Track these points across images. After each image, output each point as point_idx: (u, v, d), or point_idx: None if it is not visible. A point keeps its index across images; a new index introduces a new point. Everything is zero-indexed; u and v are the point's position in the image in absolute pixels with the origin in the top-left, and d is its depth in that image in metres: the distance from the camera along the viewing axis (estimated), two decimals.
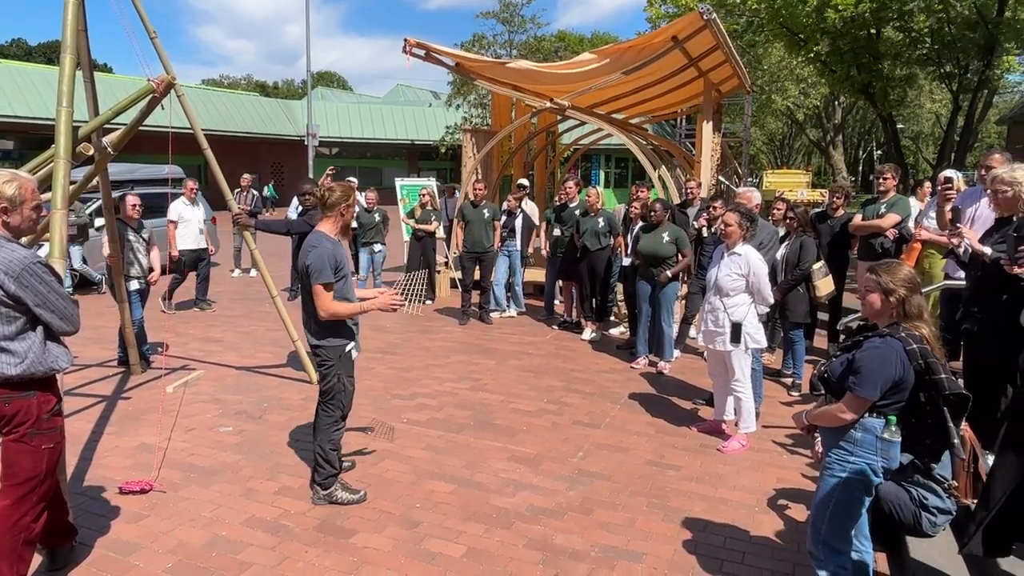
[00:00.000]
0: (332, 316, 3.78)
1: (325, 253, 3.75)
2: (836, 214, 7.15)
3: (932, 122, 39.51)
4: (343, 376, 3.95)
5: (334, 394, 3.95)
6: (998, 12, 12.83)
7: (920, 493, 3.34)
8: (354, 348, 4.00)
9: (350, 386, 4.01)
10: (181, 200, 9.14)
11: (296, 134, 31.82)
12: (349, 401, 4.04)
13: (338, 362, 3.92)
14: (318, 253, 3.75)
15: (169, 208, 9.02)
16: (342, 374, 3.95)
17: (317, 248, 3.78)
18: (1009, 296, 3.49)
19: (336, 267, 3.78)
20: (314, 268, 3.73)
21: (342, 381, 3.95)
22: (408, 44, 9.88)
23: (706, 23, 8.22)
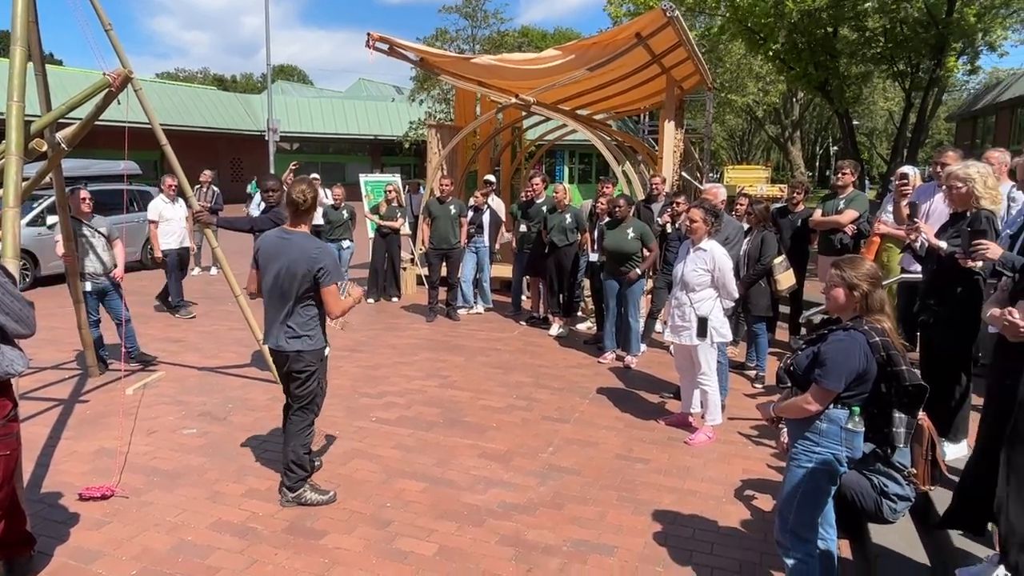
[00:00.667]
0: (343, 311, 3.82)
1: (331, 252, 3.84)
2: (797, 209, 7.29)
3: (885, 119, 40.60)
4: (322, 380, 3.96)
5: (312, 398, 3.93)
6: (947, 13, 13.25)
7: (881, 481, 3.45)
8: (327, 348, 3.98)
9: (325, 386, 4.03)
10: (160, 198, 8.74)
11: (256, 129, 31.22)
12: (322, 403, 4.03)
13: (319, 365, 3.91)
14: (327, 253, 3.78)
15: (149, 207, 8.70)
16: (322, 378, 3.95)
17: (320, 249, 3.76)
18: (963, 289, 3.61)
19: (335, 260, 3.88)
20: (329, 270, 3.74)
21: (321, 385, 3.95)
22: (371, 38, 9.76)
23: (668, 20, 8.29)
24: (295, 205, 3.78)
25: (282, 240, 3.79)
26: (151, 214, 8.61)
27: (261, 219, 5.84)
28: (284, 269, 3.73)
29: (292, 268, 3.72)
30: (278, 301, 3.81)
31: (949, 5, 13.22)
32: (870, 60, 14.76)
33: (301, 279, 3.72)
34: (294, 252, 3.72)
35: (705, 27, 15.77)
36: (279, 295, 3.79)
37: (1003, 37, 15.96)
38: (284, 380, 3.99)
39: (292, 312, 3.78)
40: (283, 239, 3.79)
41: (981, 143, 30.19)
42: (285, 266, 3.73)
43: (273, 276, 3.79)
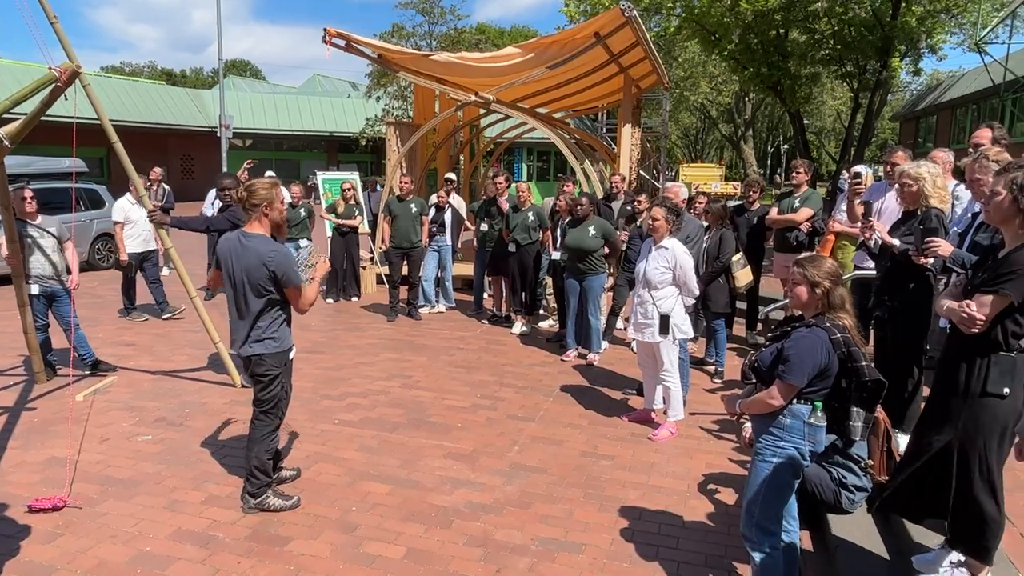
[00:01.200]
0: (311, 305, 3.81)
1: (287, 252, 3.74)
2: (753, 207, 7.46)
3: (833, 118, 41.77)
4: (286, 384, 3.88)
5: (276, 402, 3.84)
6: (892, 16, 13.70)
7: (840, 472, 3.56)
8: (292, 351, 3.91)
9: (289, 390, 3.94)
10: (126, 198, 8.32)
11: (207, 125, 30.44)
12: (283, 405, 3.93)
13: (283, 369, 3.83)
14: (283, 256, 3.68)
15: (114, 208, 8.33)
16: (285, 382, 3.88)
17: (276, 252, 3.66)
18: (916, 284, 3.74)
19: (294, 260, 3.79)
20: (285, 273, 3.66)
21: (284, 389, 3.87)
22: (328, 34, 9.62)
23: (627, 20, 8.38)
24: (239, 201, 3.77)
25: (239, 244, 3.70)
26: (116, 215, 8.24)
27: (217, 219, 5.71)
28: (243, 273, 3.65)
29: (249, 273, 3.64)
30: (239, 305, 3.72)
31: (894, 9, 13.68)
32: (819, 61, 15.18)
33: (258, 283, 3.65)
34: (250, 256, 3.64)
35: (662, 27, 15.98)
36: (239, 299, 3.70)
37: (943, 41, 16.60)
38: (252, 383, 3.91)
39: (253, 316, 3.69)
40: (240, 243, 3.70)
41: (923, 142, 31.31)
42: (243, 270, 3.65)
43: (231, 280, 3.70)
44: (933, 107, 30.01)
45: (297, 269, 3.75)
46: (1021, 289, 2.51)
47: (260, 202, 3.72)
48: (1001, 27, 19.76)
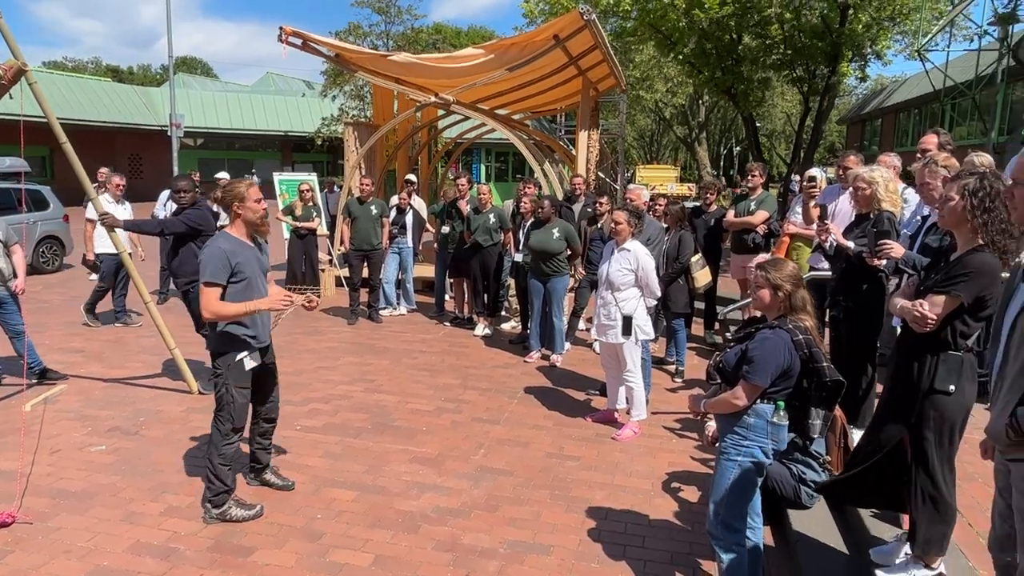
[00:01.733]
0: (215, 316, 3.60)
1: (214, 251, 3.59)
2: (710, 209, 7.61)
3: (784, 121, 42.82)
4: (231, 387, 3.73)
5: (222, 405, 3.75)
6: (840, 23, 14.13)
7: (799, 469, 3.65)
8: (247, 358, 3.77)
9: (240, 398, 3.76)
10: (104, 198, 7.92)
11: (157, 124, 29.60)
12: (240, 414, 3.79)
13: (226, 371, 3.72)
14: (207, 251, 3.61)
15: (88, 206, 8.05)
16: (230, 384, 3.73)
17: (208, 247, 3.62)
18: (869, 285, 3.87)
19: (229, 267, 3.59)
20: (201, 266, 3.58)
21: (230, 392, 3.73)
22: (284, 33, 9.46)
23: (586, 23, 8.46)
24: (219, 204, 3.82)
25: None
26: (90, 213, 7.94)
27: (172, 221, 5.57)
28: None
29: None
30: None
31: (842, 16, 14.09)
32: (771, 66, 15.54)
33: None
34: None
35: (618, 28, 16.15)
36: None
37: (887, 48, 17.18)
38: None
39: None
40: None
41: (869, 145, 32.40)
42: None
43: None
44: (878, 111, 31.12)
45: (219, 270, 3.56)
46: (972, 291, 2.62)
47: (231, 200, 3.68)
48: (941, 35, 20.58)
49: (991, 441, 2.21)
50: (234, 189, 3.72)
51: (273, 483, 4.12)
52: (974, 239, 2.66)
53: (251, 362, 3.77)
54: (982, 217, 2.59)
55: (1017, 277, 2.20)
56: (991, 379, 2.28)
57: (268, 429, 4.13)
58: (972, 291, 2.61)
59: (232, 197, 3.69)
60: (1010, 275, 2.29)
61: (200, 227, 5.53)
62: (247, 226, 3.76)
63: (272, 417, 4.12)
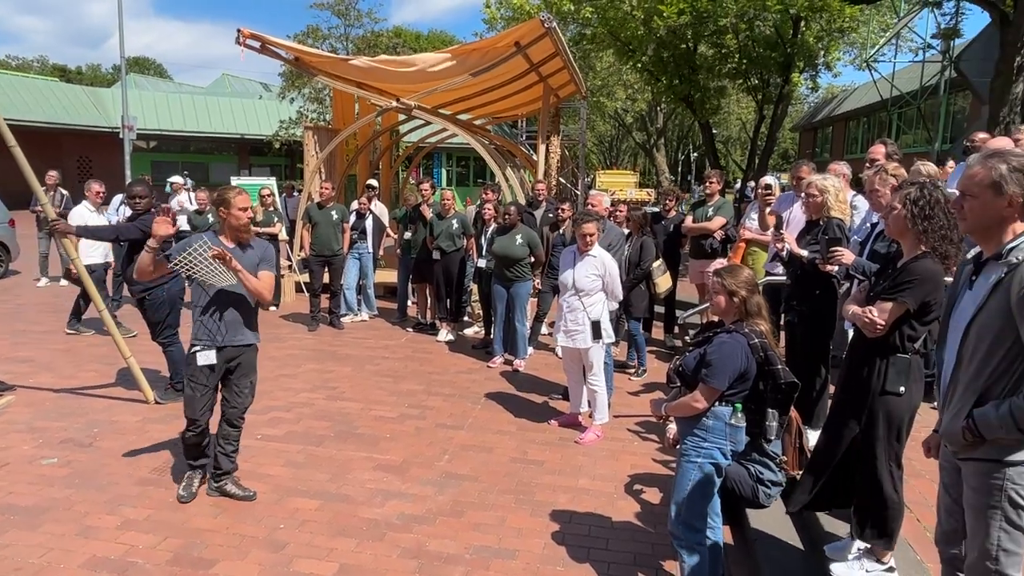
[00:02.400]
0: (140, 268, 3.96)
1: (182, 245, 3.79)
2: (669, 215, 7.75)
3: (739, 127, 43.78)
4: (188, 380, 3.94)
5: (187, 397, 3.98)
6: (793, 34, 14.55)
7: (757, 469, 3.73)
8: (199, 353, 3.88)
9: (189, 390, 3.93)
10: (84, 205, 7.74)
11: (107, 125, 28.78)
12: (189, 405, 3.95)
13: (187, 368, 3.93)
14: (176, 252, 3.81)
15: (71, 215, 7.68)
16: (187, 377, 3.96)
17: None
18: (822, 290, 4.01)
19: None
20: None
21: (189, 384, 3.94)
22: (242, 35, 9.33)
23: (547, 31, 8.55)
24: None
25: None
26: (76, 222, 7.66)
27: (127, 227, 5.45)
28: None
29: None
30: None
31: (794, 28, 14.53)
32: (726, 75, 15.91)
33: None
34: None
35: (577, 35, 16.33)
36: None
37: (837, 59, 17.76)
38: None
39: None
40: None
41: (820, 152, 33.37)
42: None
43: None
44: (829, 119, 32.08)
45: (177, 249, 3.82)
46: (917, 297, 2.74)
47: (219, 204, 3.89)
48: (888, 47, 21.34)
49: (945, 442, 2.31)
50: (223, 195, 3.92)
51: (232, 493, 4.07)
52: (917, 246, 2.78)
53: (204, 357, 3.90)
54: (922, 225, 2.73)
55: (962, 282, 2.31)
56: (938, 381, 2.39)
57: (229, 433, 4.14)
58: (917, 297, 2.73)
59: (219, 202, 3.90)
60: (953, 280, 2.41)
61: None
62: (231, 231, 3.95)
63: (232, 422, 4.13)
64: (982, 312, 2.12)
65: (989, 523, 2.14)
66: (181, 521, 3.81)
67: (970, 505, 2.22)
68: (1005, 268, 2.07)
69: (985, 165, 2.12)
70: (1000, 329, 2.07)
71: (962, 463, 2.25)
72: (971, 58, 16.42)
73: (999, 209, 2.10)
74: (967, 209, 2.18)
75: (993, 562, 2.14)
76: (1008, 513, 2.12)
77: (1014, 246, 2.08)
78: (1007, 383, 2.09)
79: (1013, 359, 2.07)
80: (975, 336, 2.15)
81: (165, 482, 4.28)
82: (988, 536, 2.14)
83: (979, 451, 2.16)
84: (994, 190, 2.10)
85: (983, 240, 2.20)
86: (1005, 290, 2.05)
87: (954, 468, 2.33)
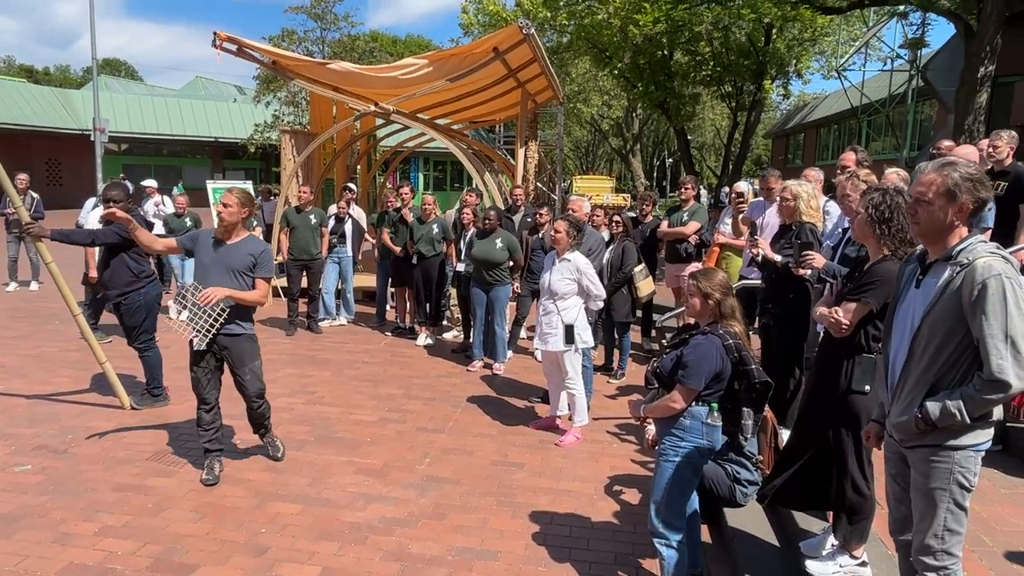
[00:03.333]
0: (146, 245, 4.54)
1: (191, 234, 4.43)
2: (646, 220, 7.86)
3: (713, 134, 44.34)
4: (191, 365, 4.34)
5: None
6: (765, 43, 14.84)
7: (734, 468, 3.83)
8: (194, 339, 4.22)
9: (197, 375, 4.34)
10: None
11: (77, 128, 28.33)
12: (199, 389, 4.36)
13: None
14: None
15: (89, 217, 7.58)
16: (190, 363, 4.34)
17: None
18: (796, 294, 4.11)
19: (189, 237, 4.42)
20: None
21: (192, 369, 4.34)
22: (218, 38, 9.25)
23: (525, 37, 8.62)
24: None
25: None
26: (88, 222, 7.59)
27: (104, 232, 5.39)
28: None
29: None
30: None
31: (766, 36, 14.82)
32: (701, 82, 16.18)
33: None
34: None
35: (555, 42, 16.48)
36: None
37: (808, 67, 18.15)
38: None
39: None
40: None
41: (793, 158, 33.91)
42: None
43: None
44: (800, 126, 32.61)
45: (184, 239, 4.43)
46: (879, 298, 2.85)
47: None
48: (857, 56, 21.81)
49: (893, 432, 2.41)
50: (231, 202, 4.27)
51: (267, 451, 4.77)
52: (880, 249, 2.89)
53: (196, 343, 4.24)
54: (882, 228, 2.85)
55: (905, 280, 2.42)
56: (884, 374, 2.49)
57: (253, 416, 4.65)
58: (880, 298, 2.84)
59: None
60: (896, 278, 2.52)
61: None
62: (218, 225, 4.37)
63: (251, 409, 4.60)
64: (934, 309, 2.24)
65: (937, 505, 2.27)
66: (160, 527, 3.78)
67: (918, 490, 2.33)
68: (957, 268, 2.20)
69: (940, 173, 2.26)
70: (952, 325, 2.21)
71: (909, 451, 2.37)
72: (937, 68, 16.86)
73: (950, 215, 2.24)
74: (920, 214, 2.30)
75: (939, 541, 2.27)
76: (955, 495, 2.25)
77: (963, 248, 2.22)
78: (956, 374, 2.23)
79: (962, 352, 2.21)
80: (927, 332, 2.27)
81: (144, 488, 4.24)
82: (935, 517, 2.27)
83: (927, 438, 2.28)
84: (947, 197, 2.23)
85: (931, 243, 2.34)
86: (957, 290, 2.18)
87: (899, 458, 2.45)
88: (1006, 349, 2.09)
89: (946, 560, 2.28)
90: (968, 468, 2.25)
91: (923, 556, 2.31)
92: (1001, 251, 2.20)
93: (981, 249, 2.19)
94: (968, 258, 2.18)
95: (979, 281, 2.13)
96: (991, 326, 2.10)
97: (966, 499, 2.27)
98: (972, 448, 2.25)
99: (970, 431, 2.23)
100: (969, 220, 2.26)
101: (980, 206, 2.24)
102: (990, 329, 2.10)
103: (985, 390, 2.13)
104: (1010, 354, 2.09)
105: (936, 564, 2.29)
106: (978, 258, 2.16)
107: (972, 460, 2.26)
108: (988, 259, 2.15)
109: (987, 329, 2.11)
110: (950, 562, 2.28)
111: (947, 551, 2.27)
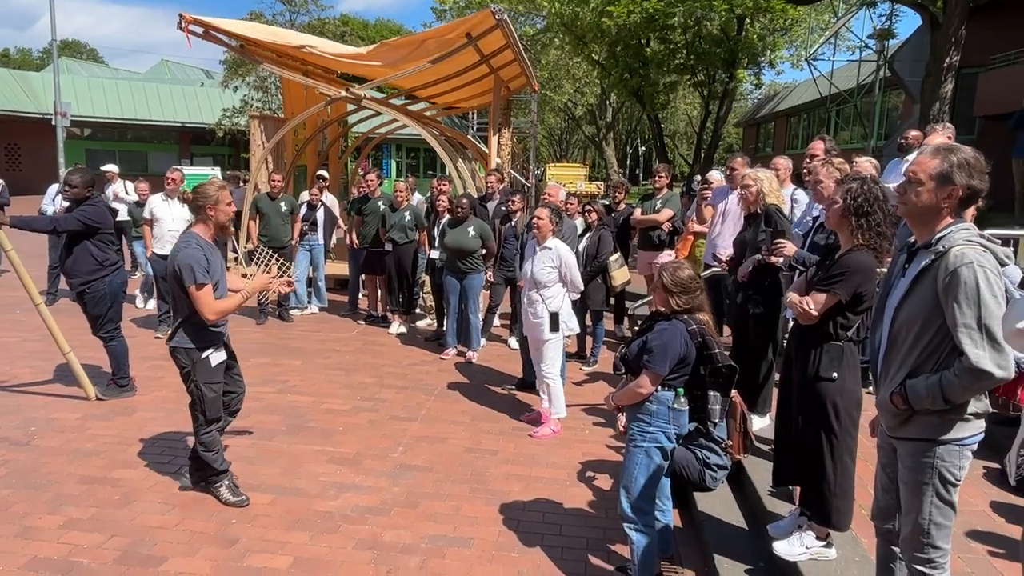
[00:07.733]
0: (219, 314, 3.78)
1: (194, 254, 3.66)
2: (619, 208, 7.89)
3: (686, 122, 44.62)
4: (200, 384, 3.86)
5: (194, 401, 3.92)
6: (738, 32, 14.94)
7: (703, 453, 3.86)
8: (212, 354, 3.87)
9: (210, 393, 3.89)
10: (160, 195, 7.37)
11: (37, 111, 27.53)
12: (213, 407, 3.92)
13: (192, 367, 3.82)
14: (186, 254, 3.66)
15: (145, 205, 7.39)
16: (198, 381, 3.86)
17: (185, 251, 3.68)
18: (771, 281, 4.15)
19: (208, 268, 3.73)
20: (186, 271, 3.62)
21: (200, 389, 3.86)
22: (184, 20, 9.03)
23: (498, 23, 8.55)
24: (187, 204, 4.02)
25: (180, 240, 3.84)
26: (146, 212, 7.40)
27: (66, 219, 5.26)
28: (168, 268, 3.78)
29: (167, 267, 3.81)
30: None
31: (739, 26, 14.92)
32: (675, 70, 16.24)
33: (171, 279, 3.73)
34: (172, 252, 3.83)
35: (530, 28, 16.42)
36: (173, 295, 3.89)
37: (780, 57, 18.31)
38: None
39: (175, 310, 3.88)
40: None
41: (763, 147, 34.29)
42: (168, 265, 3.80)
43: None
44: (771, 115, 32.97)
45: (203, 271, 3.67)
46: (848, 289, 2.89)
47: (204, 203, 3.79)
48: (826, 46, 22.06)
49: (880, 416, 2.45)
50: (207, 192, 3.81)
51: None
52: (852, 239, 2.93)
53: (217, 357, 3.92)
54: (859, 220, 2.87)
55: (897, 270, 2.45)
56: (873, 363, 2.53)
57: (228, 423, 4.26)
58: (849, 289, 2.89)
59: (206, 200, 3.79)
60: (889, 268, 2.55)
61: (97, 224, 5.24)
62: (216, 228, 3.88)
63: (235, 409, 4.28)
64: (911, 296, 2.27)
65: (922, 499, 2.29)
66: (128, 519, 3.72)
67: (904, 482, 2.36)
68: (933, 256, 2.21)
69: (937, 155, 2.25)
70: (929, 312, 2.22)
71: (897, 443, 2.40)
72: (904, 58, 17.14)
73: (940, 199, 2.23)
74: (911, 194, 2.29)
75: (925, 535, 2.30)
76: (939, 489, 2.27)
77: (942, 235, 2.22)
78: (936, 360, 2.24)
79: (941, 340, 2.22)
80: (906, 318, 2.29)
81: (110, 480, 4.17)
82: (921, 511, 2.29)
83: (912, 430, 2.31)
84: (942, 180, 2.22)
85: (918, 227, 2.33)
86: (933, 277, 2.20)
87: (891, 448, 2.47)
88: (982, 339, 2.10)
89: (932, 553, 2.29)
90: (952, 462, 2.25)
91: (910, 548, 2.34)
92: (980, 239, 2.19)
93: (958, 237, 2.18)
94: (944, 246, 2.18)
95: (951, 269, 2.13)
96: (964, 315, 2.11)
97: (952, 493, 2.26)
98: (956, 442, 2.25)
99: (953, 425, 2.24)
100: (957, 208, 2.25)
101: (971, 195, 2.23)
102: (963, 319, 2.11)
103: (965, 378, 2.13)
104: (987, 343, 2.09)
105: (922, 556, 2.31)
106: (953, 246, 2.16)
107: (956, 454, 2.25)
108: (963, 247, 2.15)
109: (960, 318, 2.12)
110: (936, 555, 2.30)
111: (932, 544, 2.28)
